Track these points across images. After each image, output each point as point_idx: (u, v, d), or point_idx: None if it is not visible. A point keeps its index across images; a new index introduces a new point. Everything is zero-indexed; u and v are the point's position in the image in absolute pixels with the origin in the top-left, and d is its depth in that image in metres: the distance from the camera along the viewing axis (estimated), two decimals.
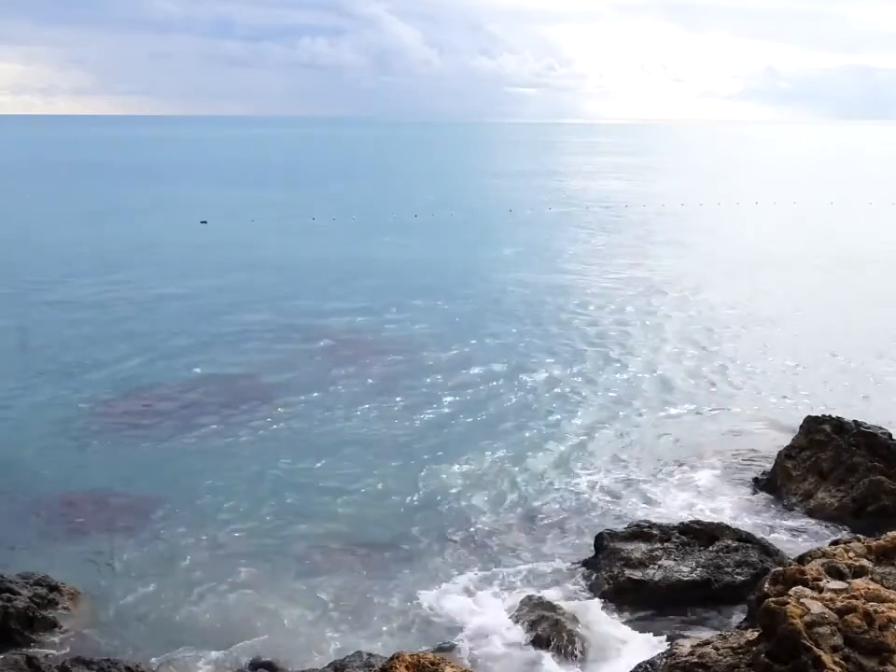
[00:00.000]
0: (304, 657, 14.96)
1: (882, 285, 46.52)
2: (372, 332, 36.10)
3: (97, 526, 19.59)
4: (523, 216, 75.01)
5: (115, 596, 16.79)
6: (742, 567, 16.26)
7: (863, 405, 26.95)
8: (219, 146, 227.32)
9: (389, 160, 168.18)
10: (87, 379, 29.78)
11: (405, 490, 21.55)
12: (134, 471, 22.52)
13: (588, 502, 20.92)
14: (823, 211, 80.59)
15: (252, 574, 17.64)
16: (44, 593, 15.82)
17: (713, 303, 41.68)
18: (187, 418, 26.29)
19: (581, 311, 40.29)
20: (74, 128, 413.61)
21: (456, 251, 56.97)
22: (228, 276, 48.02)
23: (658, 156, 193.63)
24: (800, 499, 20.34)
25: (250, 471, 22.59)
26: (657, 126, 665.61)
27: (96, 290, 43.78)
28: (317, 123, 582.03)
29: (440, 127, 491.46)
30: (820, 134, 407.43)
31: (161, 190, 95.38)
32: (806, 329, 36.90)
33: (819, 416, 22.14)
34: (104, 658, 14.02)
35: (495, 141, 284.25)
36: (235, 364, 31.84)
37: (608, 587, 16.26)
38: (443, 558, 18.35)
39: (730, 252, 57.78)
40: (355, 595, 16.88)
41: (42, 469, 22.43)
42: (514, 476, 22.42)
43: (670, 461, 23.25)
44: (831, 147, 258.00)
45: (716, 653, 11.37)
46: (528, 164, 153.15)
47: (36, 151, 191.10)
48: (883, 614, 10.62)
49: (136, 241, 59.69)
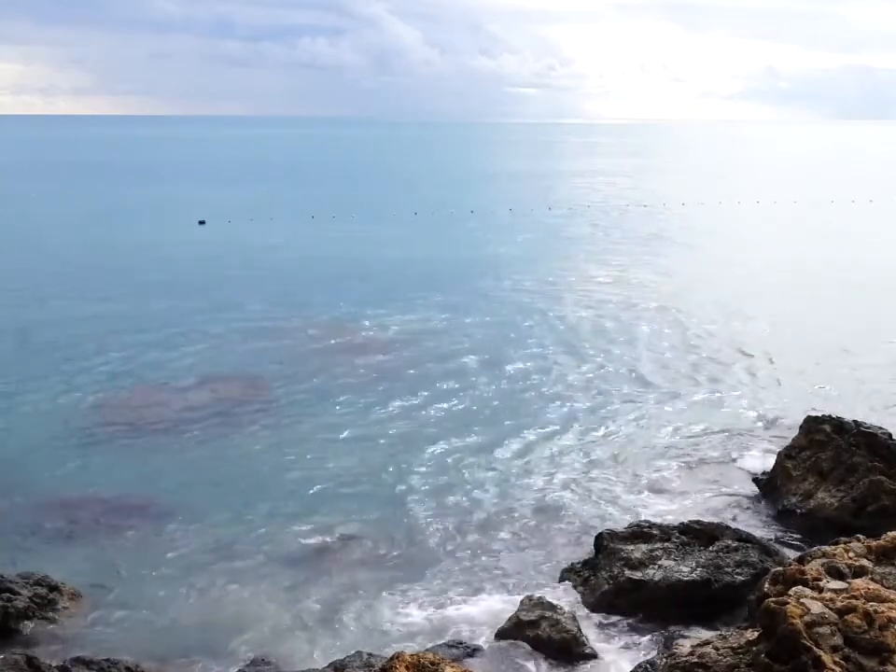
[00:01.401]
0: (304, 657, 14.96)
1: (883, 285, 46.51)
2: (373, 331, 36.04)
3: (97, 526, 19.59)
4: (523, 215, 74.99)
5: (115, 596, 16.78)
6: (742, 567, 16.25)
7: (863, 405, 26.94)
8: (219, 146, 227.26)
9: (389, 159, 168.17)
10: (87, 379, 29.76)
11: (405, 490, 21.55)
12: (135, 471, 22.53)
13: (587, 502, 20.90)
14: (824, 210, 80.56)
15: (252, 574, 17.64)
16: (44, 593, 15.81)
17: (713, 304, 41.63)
18: (187, 417, 26.29)
19: (582, 311, 40.26)
20: (74, 128, 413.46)
21: (456, 249, 56.96)
22: (226, 275, 48.04)
23: (659, 156, 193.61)
24: (800, 499, 20.32)
25: (250, 471, 22.60)
26: (657, 126, 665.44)
27: (97, 290, 43.80)
28: (317, 123, 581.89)
29: (440, 127, 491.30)
30: (821, 134, 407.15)
31: (160, 190, 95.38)
32: (807, 330, 36.90)
33: (819, 416, 22.12)
34: (104, 658, 14.02)
35: (495, 141, 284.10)
36: (235, 363, 31.83)
37: (608, 587, 16.25)
38: (443, 558, 18.34)
39: (730, 251, 57.79)
40: (354, 595, 16.87)
41: (42, 469, 22.41)
42: (513, 475, 22.41)
43: (670, 461, 23.24)
44: (831, 147, 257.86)
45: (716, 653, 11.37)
46: (529, 164, 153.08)
47: (36, 151, 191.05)
48: (883, 614, 10.61)
49: (136, 240, 59.70)
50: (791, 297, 43.51)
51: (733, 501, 20.83)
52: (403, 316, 38.40)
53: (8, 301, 41.35)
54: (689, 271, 50.31)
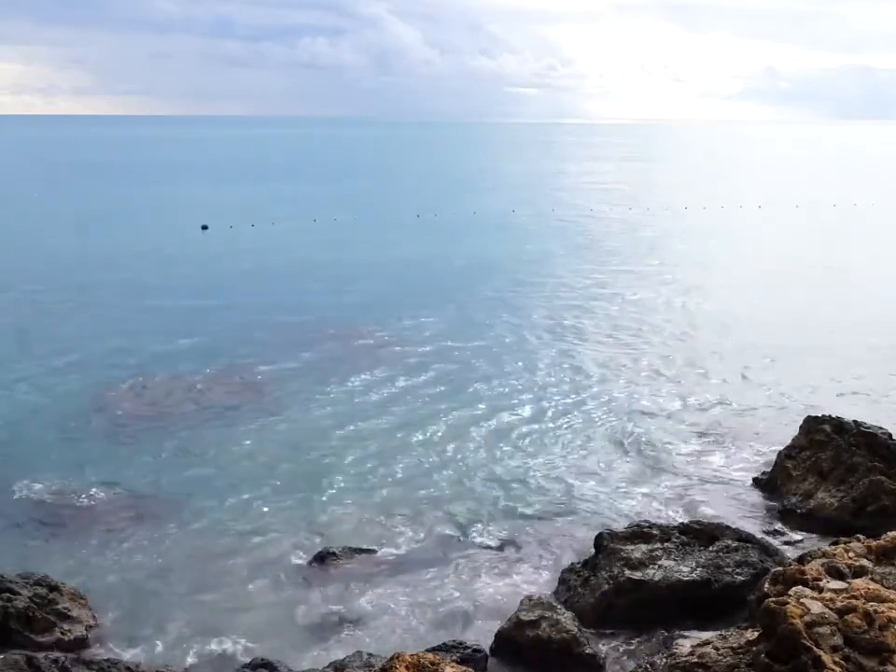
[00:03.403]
0: (304, 657, 14.96)
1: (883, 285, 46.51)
2: (374, 331, 36.03)
3: (97, 526, 19.58)
4: (524, 217, 74.96)
5: (115, 596, 16.79)
6: (742, 567, 16.24)
7: (863, 405, 26.94)
8: (220, 146, 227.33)
9: (390, 160, 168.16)
10: (87, 378, 29.77)
11: (405, 490, 21.55)
12: (135, 471, 22.52)
13: (587, 502, 20.91)
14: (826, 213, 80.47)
15: (252, 573, 17.64)
16: (44, 593, 15.80)
17: (714, 304, 41.67)
18: (188, 417, 26.31)
19: (584, 311, 40.28)
20: (74, 128, 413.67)
21: (456, 251, 56.91)
22: (227, 276, 48.06)
23: (659, 157, 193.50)
24: (800, 499, 20.33)
25: (250, 471, 22.59)
26: (658, 126, 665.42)
27: (96, 289, 43.82)
28: (318, 123, 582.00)
29: (440, 127, 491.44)
30: (821, 135, 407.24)
31: (161, 190, 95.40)
32: (807, 329, 36.88)
33: (819, 416, 22.13)
34: (104, 658, 14.03)
35: (495, 141, 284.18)
36: (236, 363, 31.80)
37: (608, 587, 16.24)
38: (442, 558, 18.33)
39: (731, 254, 57.83)
40: (354, 595, 16.87)
41: (42, 469, 22.39)
42: (513, 475, 22.40)
43: (669, 461, 23.24)
44: (831, 147, 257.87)
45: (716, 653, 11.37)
46: (530, 165, 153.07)
47: (37, 151, 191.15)
48: (883, 614, 10.61)
49: (136, 240, 59.72)
50: (791, 297, 43.51)
51: (733, 501, 20.83)
52: (404, 317, 38.39)
53: (9, 299, 41.36)
54: (688, 271, 50.30)
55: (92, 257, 53.85)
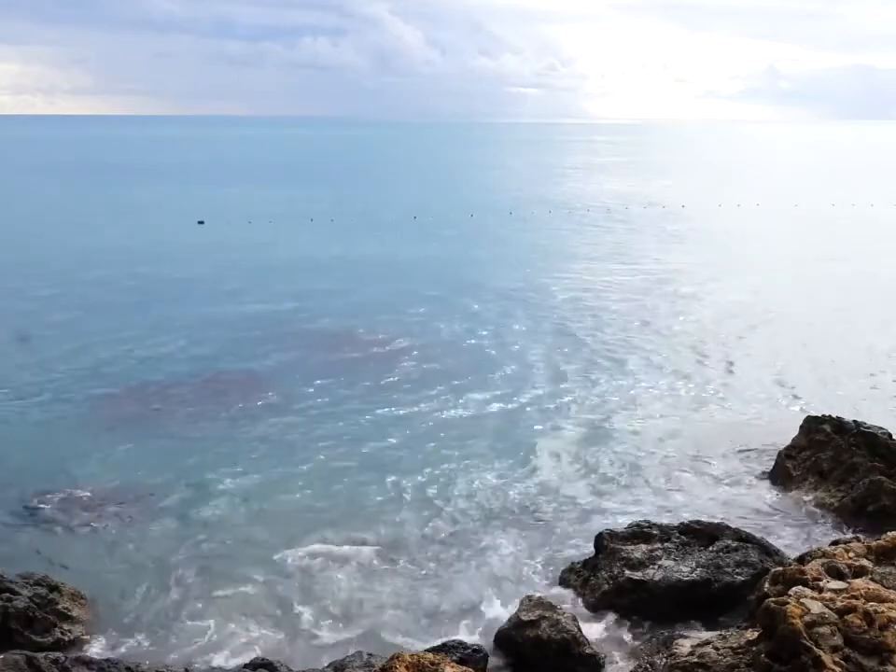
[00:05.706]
0: (304, 657, 14.96)
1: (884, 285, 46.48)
2: (373, 331, 36.03)
3: (97, 526, 19.60)
4: (523, 217, 74.93)
5: (115, 596, 16.80)
6: (742, 567, 16.25)
7: (863, 405, 26.93)
8: (220, 146, 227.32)
9: (390, 160, 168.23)
10: (88, 378, 29.78)
11: (405, 491, 21.55)
12: (135, 471, 22.50)
13: (587, 502, 20.91)
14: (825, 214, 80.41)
15: (252, 573, 17.63)
16: (44, 593, 15.81)
17: (714, 304, 41.66)
18: (189, 417, 26.31)
19: (582, 312, 40.26)
20: (74, 128, 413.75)
21: (456, 251, 56.93)
22: (226, 276, 48.01)
23: (660, 157, 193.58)
24: (800, 499, 20.31)
25: (250, 471, 22.57)
26: (658, 126, 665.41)
27: (96, 289, 43.82)
28: (318, 123, 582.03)
29: (441, 127, 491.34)
30: (821, 135, 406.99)
31: (161, 190, 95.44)
32: (807, 329, 36.87)
33: (819, 416, 22.15)
34: (104, 658, 14.03)
35: (496, 141, 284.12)
36: (236, 363, 31.84)
37: (608, 587, 16.25)
38: (442, 558, 18.35)
39: (730, 253, 57.78)
40: (354, 596, 16.87)
41: (42, 469, 22.40)
42: (513, 476, 22.40)
43: (669, 461, 23.24)
44: (832, 147, 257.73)
45: (716, 653, 11.38)
46: (529, 165, 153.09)
47: (37, 151, 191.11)
48: (883, 614, 10.62)
49: (136, 240, 59.72)
50: (791, 298, 43.48)
51: (733, 501, 20.81)
52: (404, 318, 38.39)
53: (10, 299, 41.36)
54: (688, 272, 50.25)
55: (92, 255, 53.81)
